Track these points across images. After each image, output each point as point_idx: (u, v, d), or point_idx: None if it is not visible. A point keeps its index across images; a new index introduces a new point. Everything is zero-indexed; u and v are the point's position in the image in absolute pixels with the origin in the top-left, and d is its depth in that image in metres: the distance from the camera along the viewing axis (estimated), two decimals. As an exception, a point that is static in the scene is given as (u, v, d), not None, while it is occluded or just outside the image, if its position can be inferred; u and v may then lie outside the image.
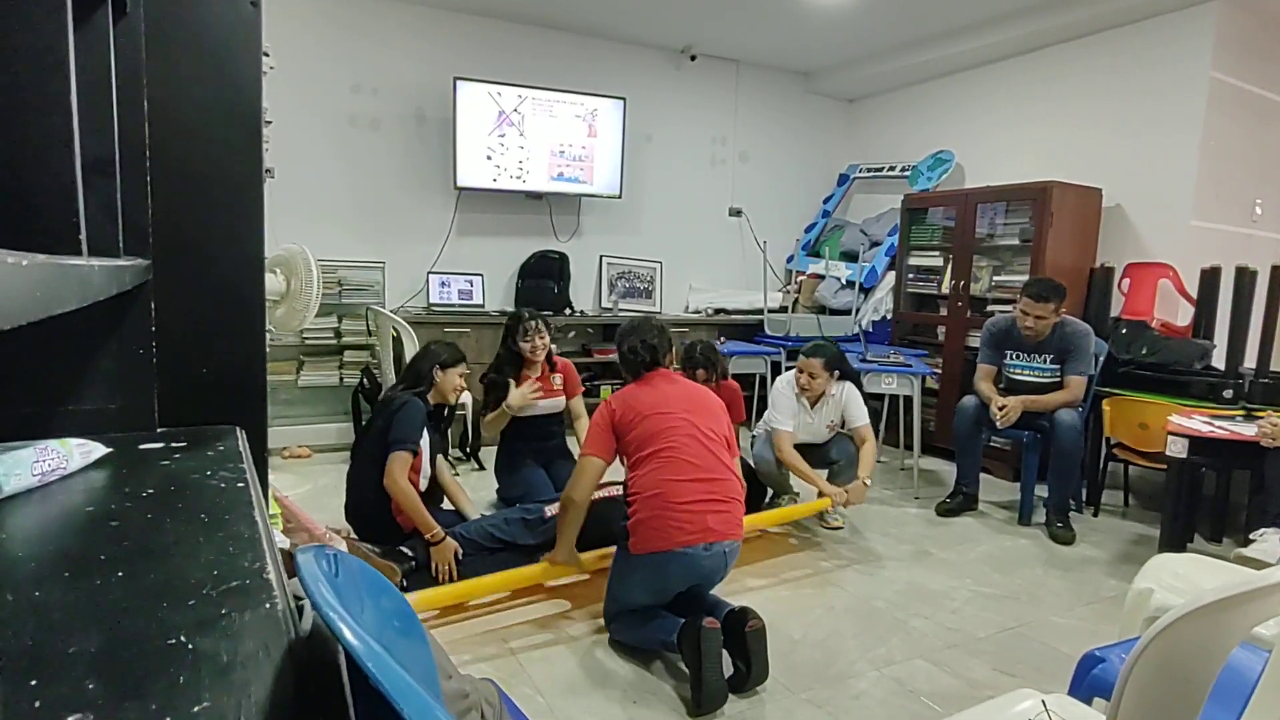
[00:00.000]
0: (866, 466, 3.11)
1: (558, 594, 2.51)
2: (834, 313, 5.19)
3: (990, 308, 4.26)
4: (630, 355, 2.30)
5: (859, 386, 3.33)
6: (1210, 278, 3.65)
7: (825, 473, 3.23)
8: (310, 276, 2.23)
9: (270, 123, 2.28)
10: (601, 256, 5.12)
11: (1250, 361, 3.44)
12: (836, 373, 3.22)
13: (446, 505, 2.86)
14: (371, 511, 2.55)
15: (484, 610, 2.39)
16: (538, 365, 3.18)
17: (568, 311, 4.81)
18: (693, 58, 5.24)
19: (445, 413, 2.97)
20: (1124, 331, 3.76)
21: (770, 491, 3.37)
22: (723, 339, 4.91)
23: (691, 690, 1.89)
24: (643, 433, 2.14)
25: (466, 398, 4.00)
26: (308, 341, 4.14)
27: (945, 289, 4.59)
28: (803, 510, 3.19)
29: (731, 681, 1.93)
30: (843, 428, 3.31)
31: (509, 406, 3.07)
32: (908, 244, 4.86)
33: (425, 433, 2.63)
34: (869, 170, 5.70)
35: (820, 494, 3.07)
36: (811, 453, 3.28)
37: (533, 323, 3.15)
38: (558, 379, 3.27)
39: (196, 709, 0.45)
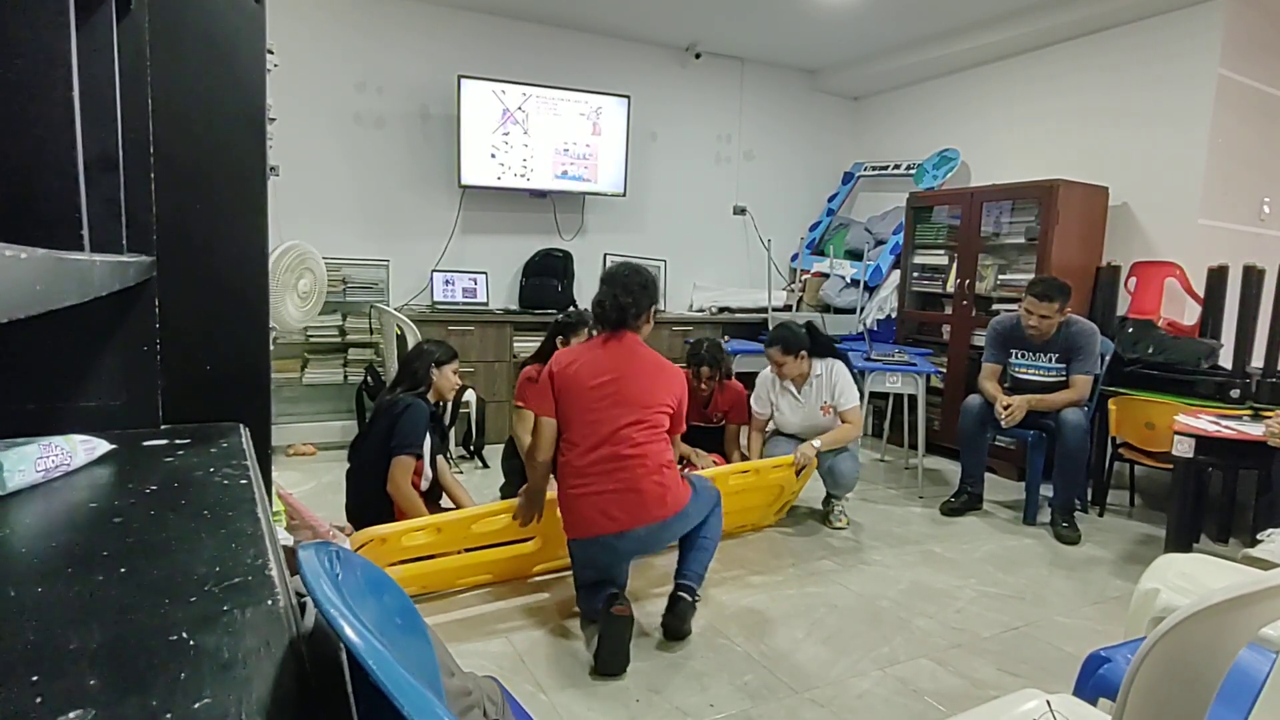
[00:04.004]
0: (829, 438, 3.09)
1: (562, 590, 2.51)
2: (839, 311, 5.18)
3: (995, 306, 4.25)
4: (596, 307, 2.28)
5: (846, 362, 3.30)
6: (1217, 276, 3.63)
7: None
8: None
9: (274, 120, 2.29)
10: (606, 255, 5.11)
11: (1258, 361, 3.42)
12: (803, 353, 3.18)
13: (446, 503, 2.85)
14: (373, 513, 2.55)
15: (485, 601, 2.40)
16: None
17: (572, 310, 4.81)
18: (697, 55, 5.22)
19: (443, 411, 2.96)
20: (1130, 330, 3.74)
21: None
22: (727, 338, 4.91)
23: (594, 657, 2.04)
24: (565, 416, 2.20)
25: (470, 395, 4.00)
26: (312, 339, 4.15)
27: (950, 288, 4.58)
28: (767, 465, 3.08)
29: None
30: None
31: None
32: (913, 242, 4.84)
33: (427, 434, 2.63)
34: (874, 168, 5.68)
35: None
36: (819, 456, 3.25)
37: (595, 331, 3.09)
38: None
39: (197, 705, 0.45)
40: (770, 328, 4.92)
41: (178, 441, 1.06)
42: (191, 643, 0.52)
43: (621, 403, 2.17)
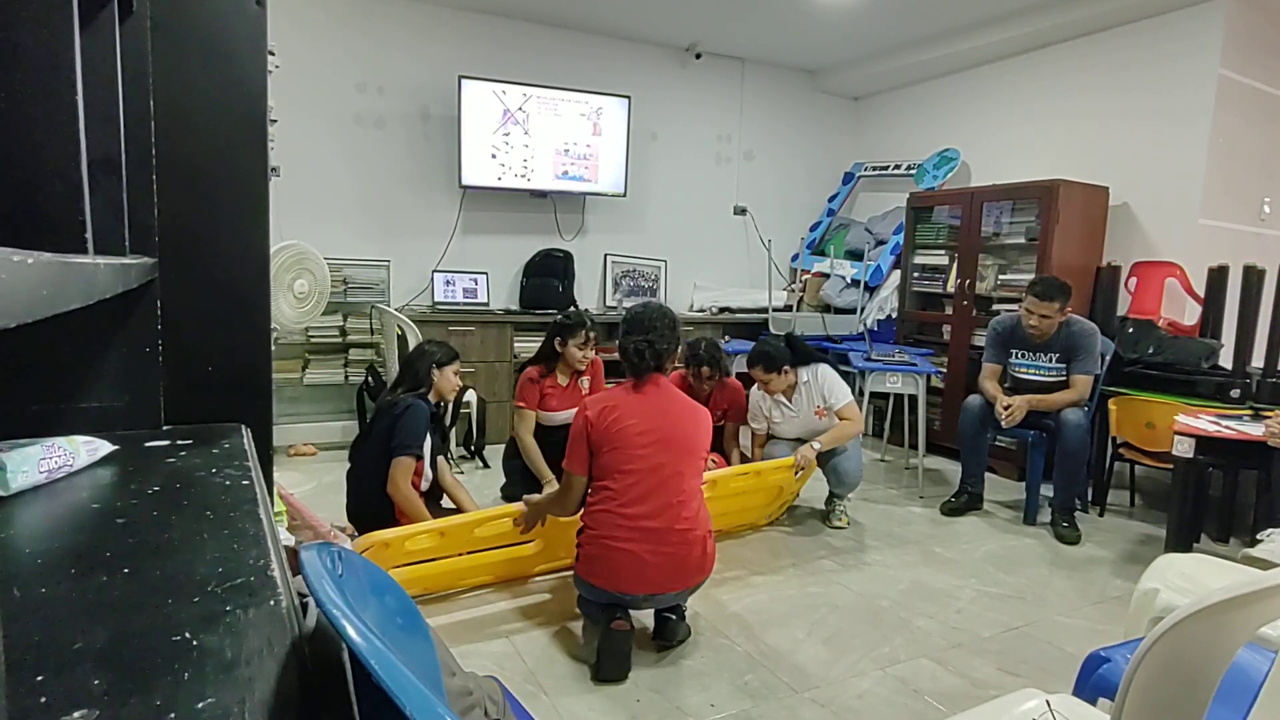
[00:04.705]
0: (829, 437, 3.10)
1: (563, 591, 2.51)
2: (839, 311, 5.18)
3: (996, 306, 4.25)
4: (635, 355, 2.15)
5: (831, 364, 3.31)
6: (1218, 276, 3.63)
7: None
8: None
9: (275, 121, 2.29)
10: (606, 255, 5.12)
11: (1258, 361, 3.42)
12: (785, 367, 3.19)
13: (446, 503, 2.85)
14: (374, 513, 2.55)
15: (487, 602, 2.40)
16: (569, 373, 3.17)
17: (571, 310, 4.81)
18: (698, 56, 5.23)
19: (443, 411, 2.96)
20: (1130, 330, 3.74)
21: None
22: (727, 338, 4.91)
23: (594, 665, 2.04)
24: (608, 464, 2.09)
25: (471, 395, 4.00)
26: (313, 339, 4.15)
27: (950, 288, 4.58)
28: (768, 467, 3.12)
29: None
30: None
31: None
32: (913, 242, 4.84)
33: (427, 435, 2.62)
34: (874, 168, 5.68)
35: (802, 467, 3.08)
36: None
37: (594, 334, 3.11)
38: (585, 382, 3.26)
39: (200, 705, 0.45)
40: (770, 328, 4.96)
41: (180, 442, 1.06)
42: (194, 643, 0.53)
43: (669, 449, 2.09)
